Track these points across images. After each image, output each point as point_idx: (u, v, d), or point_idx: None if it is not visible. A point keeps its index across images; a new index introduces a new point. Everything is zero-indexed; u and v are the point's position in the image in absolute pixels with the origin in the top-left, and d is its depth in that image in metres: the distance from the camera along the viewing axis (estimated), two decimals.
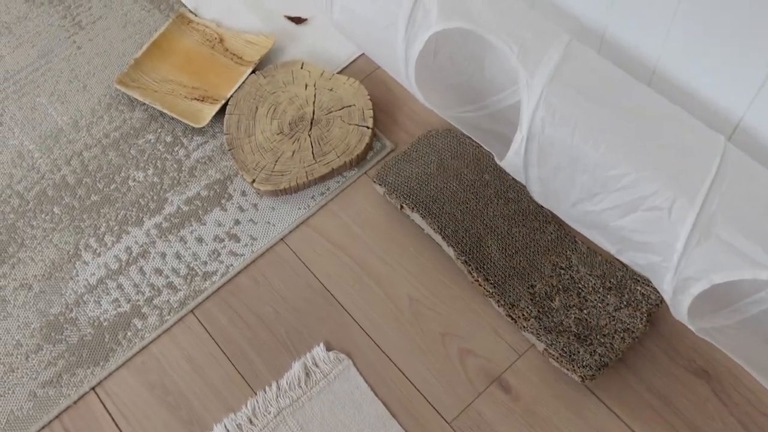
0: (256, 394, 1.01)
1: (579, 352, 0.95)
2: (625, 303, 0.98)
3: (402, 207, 1.09)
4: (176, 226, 1.16)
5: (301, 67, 1.26)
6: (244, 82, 1.25)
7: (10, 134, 1.29)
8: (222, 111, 1.24)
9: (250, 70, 1.27)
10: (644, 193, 0.88)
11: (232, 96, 1.24)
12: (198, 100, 1.27)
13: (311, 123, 1.20)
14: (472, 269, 1.02)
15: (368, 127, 1.18)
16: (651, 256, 0.91)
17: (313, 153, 1.17)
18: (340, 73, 1.29)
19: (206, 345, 1.06)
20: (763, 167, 0.89)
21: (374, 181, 1.13)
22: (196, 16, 1.38)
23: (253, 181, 1.15)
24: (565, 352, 0.95)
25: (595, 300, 0.99)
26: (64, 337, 1.08)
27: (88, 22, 1.41)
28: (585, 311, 0.99)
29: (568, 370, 0.95)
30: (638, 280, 0.99)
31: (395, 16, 1.07)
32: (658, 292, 0.98)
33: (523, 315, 0.99)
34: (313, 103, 1.22)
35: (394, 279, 1.08)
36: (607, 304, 0.99)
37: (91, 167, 1.23)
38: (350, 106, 1.20)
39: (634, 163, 0.89)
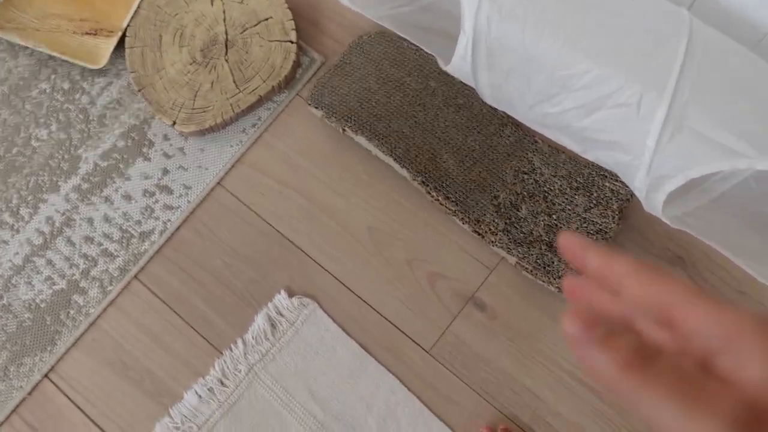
0: (222, 354, 0.95)
1: (553, 262, 0.91)
2: (594, 202, 0.93)
3: (344, 130, 0.99)
4: (97, 185, 1.04)
5: None
6: (139, 7, 1.08)
7: None
8: (121, 44, 1.08)
9: None
10: (608, 90, 0.80)
11: (129, 25, 1.07)
12: (90, 34, 1.10)
13: (226, 46, 1.05)
14: (431, 189, 0.95)
15: (292, 42, 1.04)
16: (620, 155, 0.85)
17: (234, 81, 1.03)
18: None
19: (159, 311, 0.98)
20: (732, 41, 0.81)
21: (309, 104, 1.01)
22: None
23: (174, 123, 1.02)
24: (539, 264, 0.91)
25: (563, 202, 0.94)
26: (1, 327, 0.98)
27: None
28: (554, 216, 0.94)
29: (543, 282, 0.91)
30: (606, 176, 0.94)
31: None
32: (627, 187, 0.93)
33: (490, 229, 0.94)
34: (224, 21, 1.07)
35: (349, 209, 1.00)
36: (576, 205, 0.94)
37: None
38: (267, 19, 1.06)
39: (595, 58, 0.80)
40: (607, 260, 0.29)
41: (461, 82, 0.98)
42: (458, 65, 0.90)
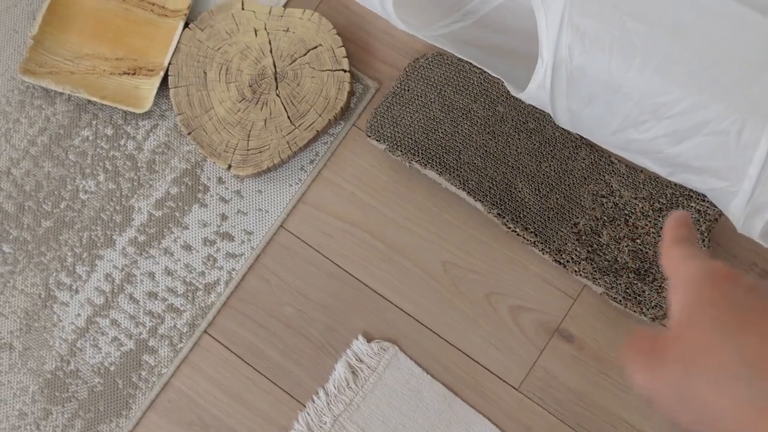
0: (305, 406, 0.93)
1: (644, 291, 0.87)
2: None
3: (411, 164, 0.95)
4: (154, 237, 0.99)
5: (242, 8, 1.03)
6: (179, 42, 1.02)
7: None
8: (163, 83, 1.02)
9: (181, 24, 1.03)
10: (705, 117, 0.76)
11: (170, 63, 1.01)
12: (128, 74, 1.04)
13: (275, 79, 1.00)
14: (508, 220, 0.91)
15: (345, 70, 0.99)
16: (713, 180, 0.81)
17: (289, 117, 0.98)
18: (288, 4, 1.06)
19: (234, 365, 0.95)
20: None
21: (369, 136, 0.97)
22: None
23: (229, 167, 0.97)
24: (629, 294, 0.88)
25: (647, 225, 0.90)
26: (72, 394, 0.95)
27: None
28: (638, 240, 0.90)
29: (635, 312, 0.88)
30: (691, 196, 0.90)
31: None
32: (715, 206, 0.89)
33: (572, 259, 0.90)
34: (271, 52, 1.01)
35: (420, 245, 0.96)
36: (661, 227, 0.90)
37: (27, 187, 1.02)
38: (316, 47, 1.00)
39: (689, 86, 0.75)
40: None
41: (531, 105, 0.94)
42: (535, 93, 0.85)
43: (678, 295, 0.31)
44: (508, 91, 0.94)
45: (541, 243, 0.91)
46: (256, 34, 1.02)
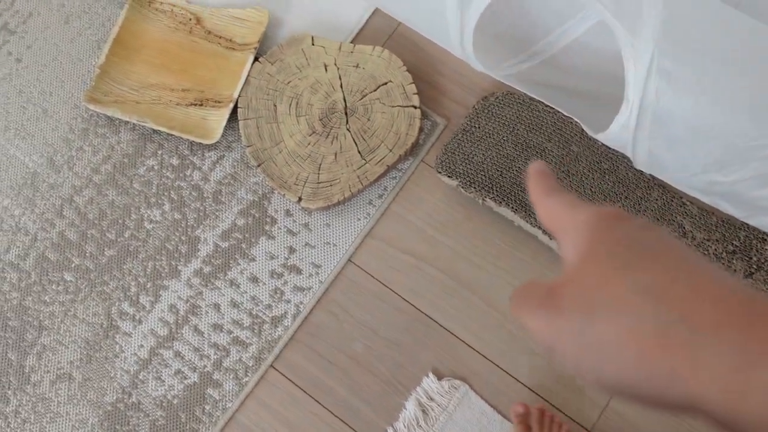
0: None
1: None
2: (755, 266, 0.90)
3: (484, 201, 0.95)
4: (220, 268, 0.98)
5: (312, 43, 1.04)
6: (249, 75, 1.03)
7: None
8: (231, 115, 1.02)
9: (251, 57, 1.04)
10: None
11: (240, 95, 1.02)
12: (196, 105, 1.04)
13: (346, 114, 1.01)
14: None
15: (415, 107, 1.00)
16: None
17: (359, 151, 0.99)
18: (356, 39, 1.07)
19: (300, 401, 0.93)
20: None
21: (439, 172, 0.97)
22: None
23: (299, 199, 0.97)
24: None
25: (720, 268, 0.91)
26: (133, 427, 0.93)
27: (16, 23, 1.12)
28: None
29: None
30: (765, 239, 0.91)
31: None
32: None
33: None
34: (341, 87, 1.02)
35: (490, 282, 0.96)
36: (735, 270, 0.90)
37: (91, 215, 1.02)
38: (386, 83, 1.01)
39: None
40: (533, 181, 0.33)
41: (604, 145, 0.95)
42: (617, 134, 0.86)
43: (569, 239, 0.29)
44: (582, 131, 0.95)
45: None
46: (326, 69, 1.03)
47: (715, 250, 0.92)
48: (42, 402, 0.95)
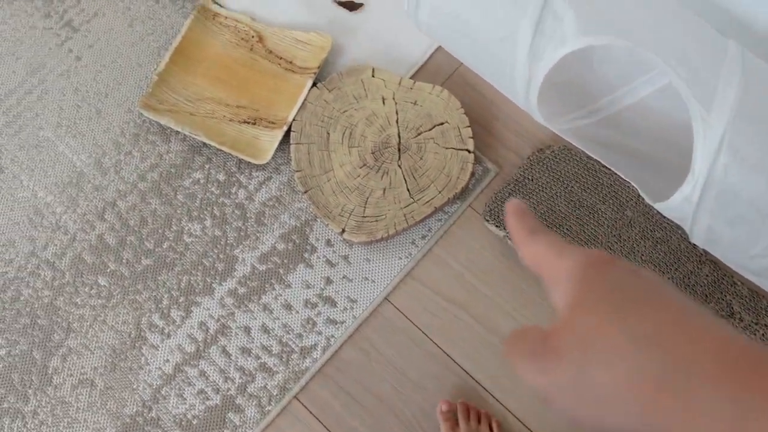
0: None
1: None
2: None
3: None
4: (255, 291, 0.97)
5: (373, 75, 1.03)
6: (305, 100, 1.02)
7: (17, 183, 1.04)
8: (283, 137, 1.02)
9: (309, 81, 1.03)
10: None
11: (294, 119, 1.01)
12: (249, 123, 1.04)
13: (399, 150, 1.00)
14: None
15: (469, 151, 0.99)
16: None
17: (408, 189, 0.98)
18: (416, 75, 1.07)
19: None
20: None
21: (487, 220, 0.95)
22: (221, 7, 1.11)
23: (343, 231, 0.96)
24: None
25: None
26: None
27: (81, 21, 1.13)
28: None
29: None
30: None
31: (515, 25, 0.86)
32: None
33: None
34: (397, 123, 1.01)
35: None
36: None
37: (132, 221, 1.01)
38: (442, 124, 1.00)
39: None
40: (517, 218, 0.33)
41: (659, 213, 0.93)
42: (678, 206, 0.84)
43: (560, 287, 0.29)
44: (638, 196, 0.93)
45: None
46: (383, 103, 1.02)
47: (763, 334, 0.89)
48: (61, 405, 0.94)
